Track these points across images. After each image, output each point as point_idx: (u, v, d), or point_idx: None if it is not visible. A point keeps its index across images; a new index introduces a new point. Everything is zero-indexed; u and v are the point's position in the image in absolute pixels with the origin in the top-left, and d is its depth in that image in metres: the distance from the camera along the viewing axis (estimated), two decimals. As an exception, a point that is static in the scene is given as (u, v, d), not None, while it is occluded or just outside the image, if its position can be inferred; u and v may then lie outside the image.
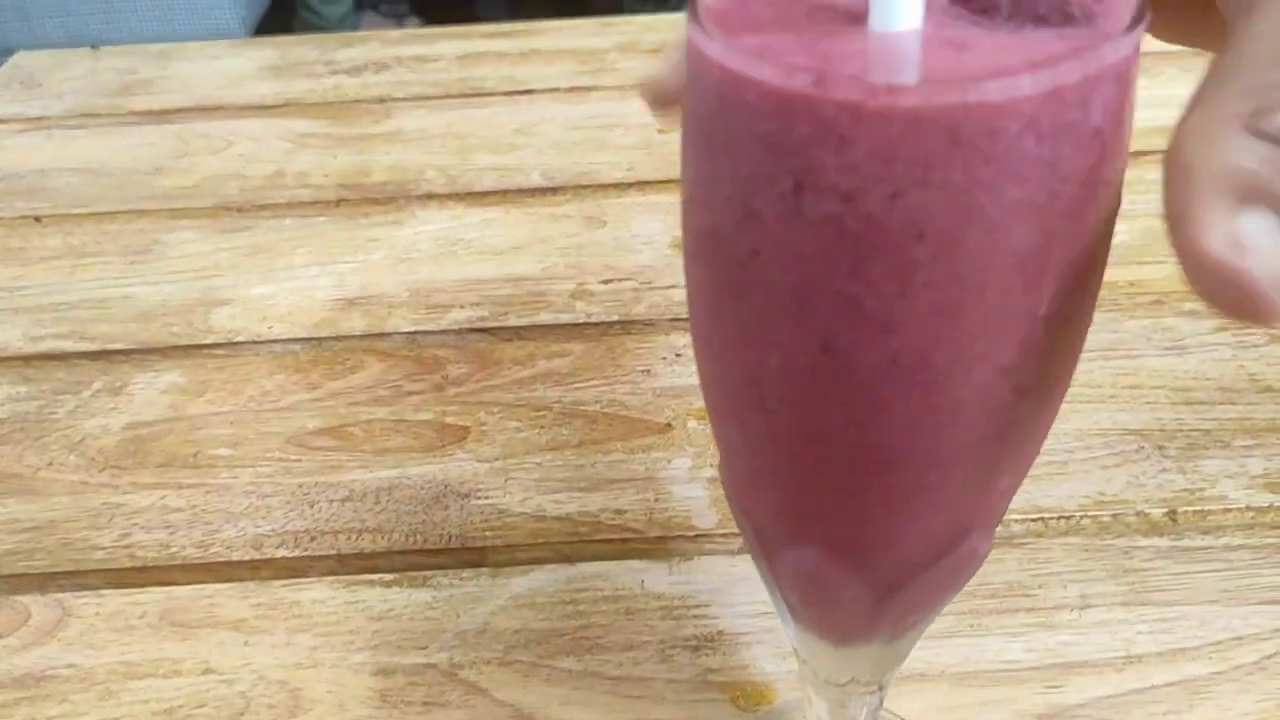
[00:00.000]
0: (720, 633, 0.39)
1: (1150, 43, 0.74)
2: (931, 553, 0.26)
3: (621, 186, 0.64)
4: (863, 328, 0.21)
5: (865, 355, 0.22)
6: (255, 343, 0.54)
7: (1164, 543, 0.41)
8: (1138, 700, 0.36)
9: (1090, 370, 0.49)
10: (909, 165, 0.20)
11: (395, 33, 0.84)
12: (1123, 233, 0.56)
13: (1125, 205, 0.66)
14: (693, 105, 0.23)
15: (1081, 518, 0.42)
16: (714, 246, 0.23)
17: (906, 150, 0.20)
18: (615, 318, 0.54)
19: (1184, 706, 0.35)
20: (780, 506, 0.26)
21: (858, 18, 0.22)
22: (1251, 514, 0.42)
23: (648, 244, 0.59)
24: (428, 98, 0.74)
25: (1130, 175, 0.70)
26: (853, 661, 0.30)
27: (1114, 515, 0.42)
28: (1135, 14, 0.21)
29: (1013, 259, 0.21)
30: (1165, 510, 0.42)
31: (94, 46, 0.82)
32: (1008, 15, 0.22)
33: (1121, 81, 0.21)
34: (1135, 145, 0.73)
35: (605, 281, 0.56)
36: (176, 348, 0.54)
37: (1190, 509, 0.42)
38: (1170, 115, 0.71)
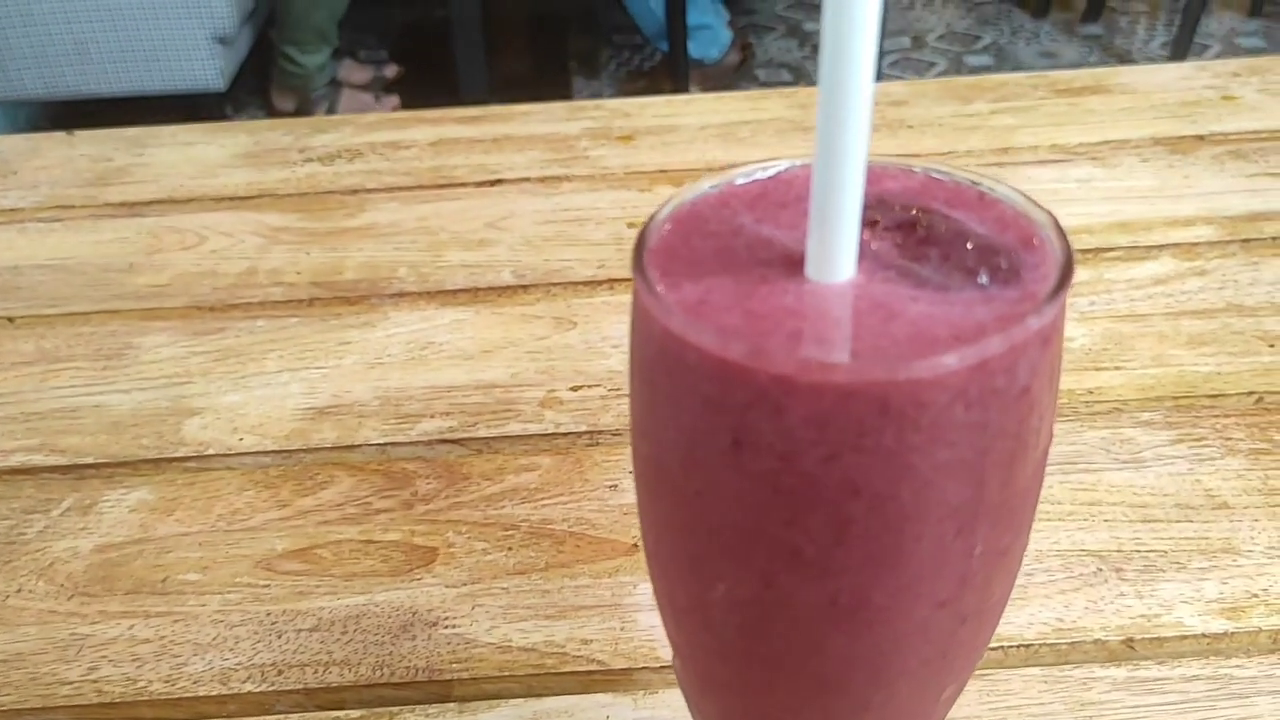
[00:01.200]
0: (684, 774, 0.39)
1: (1107, 131, 0.74)
2: (878, 757, 0.26)
3: (592, 285, 0.64)
4: (803, 569, 0.22)
5: (806, 594, 0.22)
6: (225, 455, 0.54)
7: (1121, 673, 0.42)
8: (1093, 846, 0.36)
9: (1050, 485, 0.50)
10: (842, 432, 0.20)
11: (369, 117, 0.85)
12: (1081, 336, 0.58)
13: (1085, 307, 0.65)
14: (638, 347, 0.23)
15: (1040, 646, 0.43)
16: (661, 479, 0.24)
17: (838, 419, 0.20)
18: (584, 428, 0.54)
19: None
20: (728, 713, 0.26)
21: (794, 262, 0.23)
22: (1207, 641, 0.43)
23: (616, 347, 0.59)
24: (400, 188, 0.74)
25: (1089, 274, 0.70)
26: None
27: (1072, 643, 0.43)
28: (1060, 274, 0.22)
29: (946, 509, 0.22)
30: (1122, 638, 0.43)
31: (69, 131, 0.83)
32: (937, 265, 0.22)
33: (1047, 342, 0.21)
34: (1096, 242, 0.74)
35: (574, 388, 0.57)
36: (146, 461, 0.54)
37: (1147, 636, 0.43)
38: (1130, 209, 0.73)
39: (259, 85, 2.40)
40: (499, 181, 0.75)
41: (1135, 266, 0.62)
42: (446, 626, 0.45)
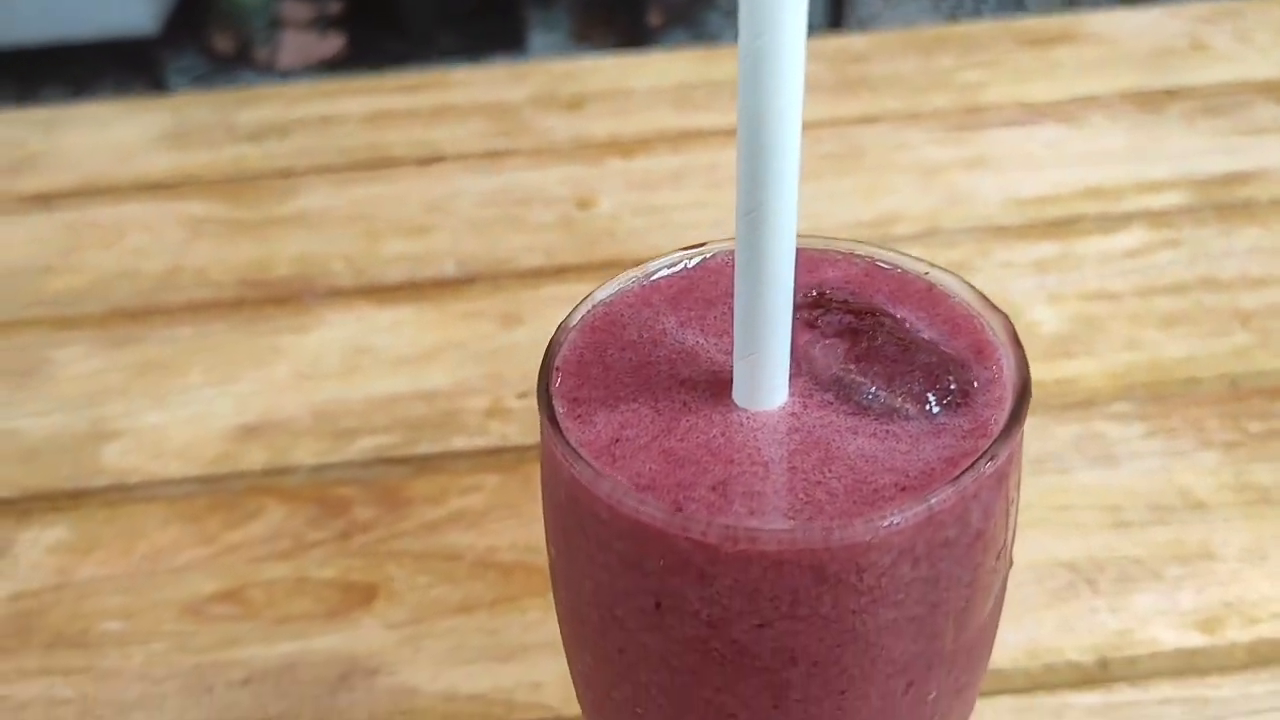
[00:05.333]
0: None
1: (1075, 86, 0.70)
2: None
3: (539, 275, 0.61)
4: (739, 734, 0.19)
5: (744, 757, 0.20)
6: (148, 484, 0.51)
7: (1095, 699, 0.40)
8: None
9: (1021, 489, 0.48)
10: (774, 600, 0.18)
11: (299, 88, 0.80)
12: (1049, 320, 0.55)
13: (1054, 286, 0.62)
14: (548, 487, 0.20)
15: (1012, 671, 0.41)
16: (582, 631, 0.21)
17: (770, 587, 0.18)
18: (531, 440, 0.51)
19: None
20: None
21: (722, 381, 0.20)
22: (1182, 659, 0.41)
23: (564, 345, 0.56)
24: (334, 169, 0.70)
25: (1059, 249, 0.67)
26: None
27: (1045, 665, 0.41)
28: (1016, 398, 0.19)
29: (894, 667, 0.19)
30: (1096, 658, 0.41)
31: (-23, 113, 0.78)
32: (880, 384, 0.19)
33: (1003, 479, 0.19)
34: (1064, 212, 0.70)
35: (521, 395, 0.54)
36: (65, 494, 0.51)
37: (1121, 655, 0.41)
38: (1099, 173, 0.70)
39: (195, 27, 2.30)
40: (439, 159, 0.70)
41: (1106, 239, 0.59)
42: (388, 674, 0.42)
